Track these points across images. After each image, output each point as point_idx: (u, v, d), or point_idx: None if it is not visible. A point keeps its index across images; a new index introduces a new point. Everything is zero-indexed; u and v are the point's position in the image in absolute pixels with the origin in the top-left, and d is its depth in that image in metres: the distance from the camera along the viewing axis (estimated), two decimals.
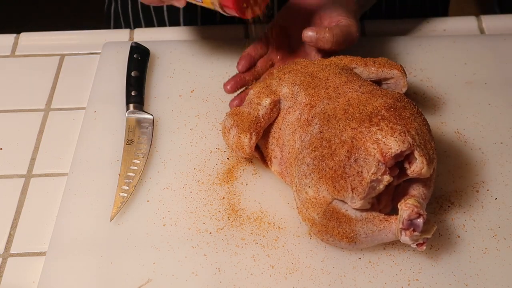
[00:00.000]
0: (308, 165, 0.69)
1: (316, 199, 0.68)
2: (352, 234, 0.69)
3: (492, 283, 0.69)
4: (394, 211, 0.70)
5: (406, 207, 0.67)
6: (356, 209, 0.68)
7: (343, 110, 0.69)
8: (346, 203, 0.68)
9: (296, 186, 0.71)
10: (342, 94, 0.72)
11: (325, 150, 0.67)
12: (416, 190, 0.70)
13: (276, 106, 0.77)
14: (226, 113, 0.80)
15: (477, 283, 0.69)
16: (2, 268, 0.73)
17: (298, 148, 0.72)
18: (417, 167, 0.66)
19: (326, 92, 0.73)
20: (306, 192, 0.69)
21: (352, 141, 0.66)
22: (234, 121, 0.77)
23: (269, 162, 0.79)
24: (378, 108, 0.68)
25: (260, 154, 0.80)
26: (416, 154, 0.66)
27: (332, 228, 0.69)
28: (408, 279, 0.70)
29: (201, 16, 1.07)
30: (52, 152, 0.85)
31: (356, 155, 0.65)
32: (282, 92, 0.77)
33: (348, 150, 0.66)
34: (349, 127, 0.67)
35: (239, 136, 0.76)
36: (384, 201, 0.70)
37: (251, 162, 0.81)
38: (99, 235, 0.74)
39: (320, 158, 0.67)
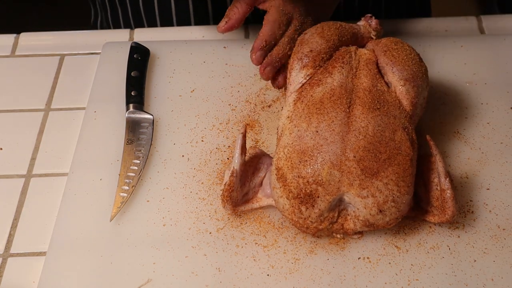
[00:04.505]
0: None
1: None
2: None
3: (492, 283, 0.69)
4: None
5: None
6: None
7: None
8: None
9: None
10: None
11: None
12: None
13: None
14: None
15: (477, 283, 0.69)
16: (2, 268, 0.73)
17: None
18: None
19: None
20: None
21: None
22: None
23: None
24: None
25: None
26: None
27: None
28: (408, 279, 0.70)
29: (213, 17, 1.07)
30: (52, 152, 0.85)
31: None
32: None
33: None
34: None
35: None
36: None
37: None
38: (99, 235, 0.74)
39: None
